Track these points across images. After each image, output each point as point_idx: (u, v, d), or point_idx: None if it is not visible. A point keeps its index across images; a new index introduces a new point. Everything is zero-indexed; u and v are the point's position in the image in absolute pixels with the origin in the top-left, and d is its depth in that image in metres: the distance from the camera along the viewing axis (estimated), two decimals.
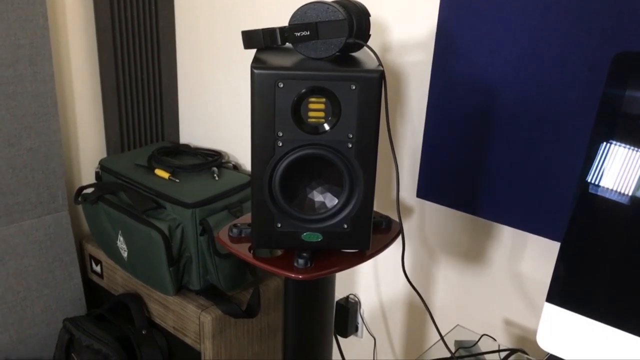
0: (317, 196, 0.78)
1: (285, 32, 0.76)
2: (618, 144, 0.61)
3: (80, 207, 1.50)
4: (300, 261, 0.77)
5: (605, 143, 0.62)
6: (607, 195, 0.61)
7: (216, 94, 1.47)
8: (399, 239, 1.16)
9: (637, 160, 0.60)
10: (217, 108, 1.48)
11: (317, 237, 0.78)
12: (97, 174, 1.41)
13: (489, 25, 0.90)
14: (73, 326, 1.33)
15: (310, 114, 0.73)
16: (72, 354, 1.32)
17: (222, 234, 0.86)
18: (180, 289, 1.30)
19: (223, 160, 1.41)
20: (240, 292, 1.34)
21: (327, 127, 0.73)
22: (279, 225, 0.77)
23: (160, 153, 1.40)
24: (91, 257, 1.50)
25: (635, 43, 0.78)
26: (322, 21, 0.74)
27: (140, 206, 1.24)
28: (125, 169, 1.35)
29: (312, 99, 0.72)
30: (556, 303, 0.63)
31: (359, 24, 0.77)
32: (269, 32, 0.76)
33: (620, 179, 0.61)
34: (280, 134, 0.73)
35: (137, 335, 1.32)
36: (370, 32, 0.82)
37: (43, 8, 1.27)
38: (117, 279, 1.43)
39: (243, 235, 0.86)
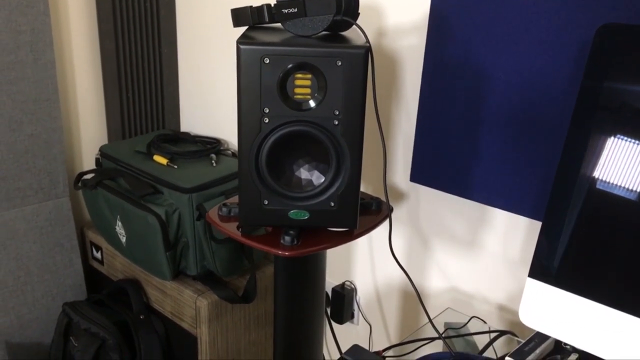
0: (304, 174, 0.78)
1: (272, 10, 0.76)
2: (599, 123, 0.60)
3: (81, 194, 1.51)
4: (287, 238, 0.78)
5: (587, 122, 0.61)
6: (585, 174, 0.61)
7: (216, 82, 1.47)
8: (397, 223, 1.16)
9: (615, 140, 0.60)
10: (217, 96, 1.49)
11: (304, 215, 0.78)
12: (97, 160, 1.42)
13: (481, 9, 0.90)
14: (72, 310, 1.35)
15: (297, 90, 0.73)
16: (71, 338, 1.34)
17: (212, 213, 0.87)
18: (178, 274, 1.31)
19: (222, 148, 1.42)
20: (237, 278, 1.34)
21: (313, 103, 0.73)
22: (266, 202, 0.77)
23: (159, 140, 1.41)
24: (92, 243, 1.51)
25: (624, 18, 0.77)
26: None
27: (138, 191, 1.25)
28: (124, 155, 1.36)
29: (299, 75, 0.72)
30: (538, 278, 0.62)
31: (347, 2, 0.77)
32: (257, 10, 0.77)
33: (598, 160, 0.60)
34: (267, 110, 0.73)
35: (135, 320, 1.33)
36: (360, 11, 0.82)
37: None
38: (116, 265, 1.45)
39: (232, 214, 0.86)
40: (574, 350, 0.67)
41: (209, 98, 1.51)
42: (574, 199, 0.61)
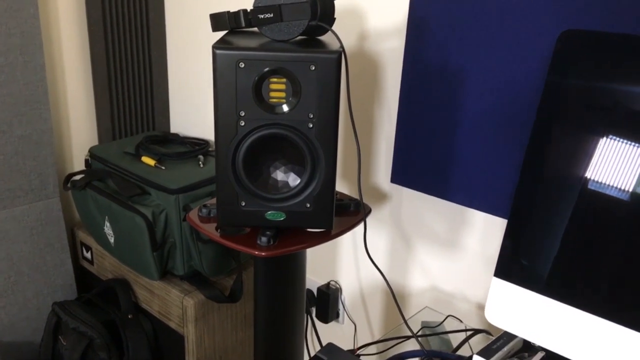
0: (281, 175, 0.79)
1: (249, 15, 0.77)
2: (562, 122, 0.62)
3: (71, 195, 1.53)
4: (263, 239, 0.79)
5: (550, 122, 0.63)
6: (550, 172, 0.62)
7: (205, 84, 1.49)
8: (379, 224, 1.18)
9: (580, 137, 0.61)
10: (206, 98, 1.50)
11: (281, 216, 0.79)
12: (86, 161, 1.44)
13: (457, 13, 0.91)
14: (61, 310, 1.36)
15: (272, 94, 0.75)
16: (60, 337, 1.35)
17: (193, 214, 0.88)
18: (166, 274, 1.32)
19: (210, 149, 1.44)
20: (224, 278, 1.36)
21: (288, 107, 0.75)
22: (243, 204, 0.79)
23: (148, 141, 1.43)
24: (82, 243, 1.53)
25: (590, 23, 0.78)
26: (286, 4, 0.76)
27: (126, 192, 1.26)
28: (113, 156, 1.38)
29: (273, 79, 0.74)
30: (502, 277, 0.64)
31: (323, 8, 0.79)
32: (234, 15, 0.78)
33: (562, 157, 0.62)
34: (243, 114, 0.75)
35: (123, 319, 1.35)
36: (336, 16, 0.83)
37: None
38: (106, 265, 1.46)
39: (212, 215, 0.88)
40: (542, 348, 0.69)
41: (198, 99, 1.53)
42: (538, 198, 0.63)
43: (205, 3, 1.41)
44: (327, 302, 1.29)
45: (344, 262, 1.28)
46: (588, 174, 0.60)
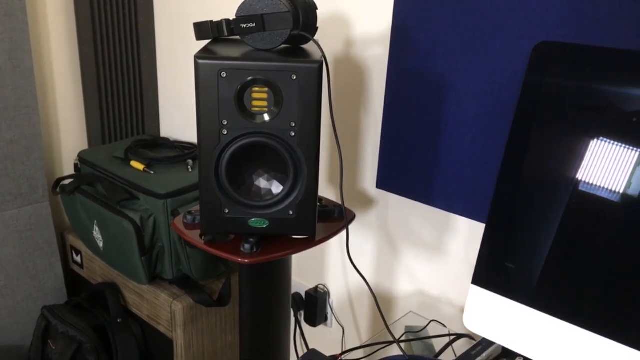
0: (264, 183, 0.80)
1: (231, 24, 0.78)
2: (539, 128, 0.63)
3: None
4: (246, 246, 0.80)
5: (526, 129, 0.64)
6: (527, 179, 0.63)
7: (194, 88, 1.49)
8: (366, 229, 1.19)
9: (555, 143, 0.62)
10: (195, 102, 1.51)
11: (264, 223, 0.80)
12: (75, 165, 1.44)
13: (441, 19, 0.92)
14: (50, 314, 1.37)
15: (254, 102, 0.75)
16: (49, 341, 1.36)
17: (177, 221, 0.89)
18: (155, 278, 1.33)
19: None
20: (213, 282, 1.36)
21: (270, 116, 0.75)
22: (227, 211, 0.80)
23: (137, 145, 1.43)
24: (72, 247, 1.54)
25: (566, 34, 0.79)
26: (268, 13, 0.77)
27: (114, 197, 1.27)
28: (102, 161, 1.38)
29: (255, 89, 0.75)
30: (480, 285, 0.65)
31: (305, 17, 0.79)
32: (217, 24, 0.79)
33: (539, 163, 0.63)
34: (225, 122, 0.76)
35: (112, 323, 1.35)
36: (318, 26, 0.84)
37: (22, 3, 1.30)
38: (96, 269, 1.47)
39: (197, 222, 0.88)
40: (518, 354, 0.70)
41: (188, 104, 1.53)
42: (515, 205, 0.64)
43: (195, 6, 1.41)
44: (315, 306, 1.30)
45: (332, 266, 1.29)
46: (573, 177, 0.61)
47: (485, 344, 0.72)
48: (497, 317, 0.65)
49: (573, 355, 0.62)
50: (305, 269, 1.35)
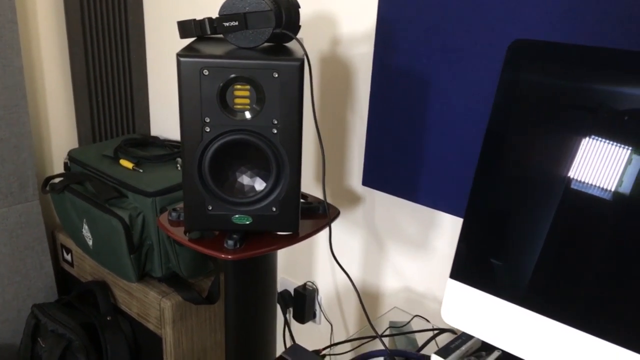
0: (247, 180, 0.81)
1: (214, 23, 0.79)
2: (515, 127, 0.64)
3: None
4: (230, 242, 0.81)
5: (502, 128, 0.65)
6: (504, 173, 0.64)
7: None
8: (353, 226, 1.20)
9: (530, 139, 0.63)
10: None
11: (247, 220, 0.81)
12: (65, 164, 1.45)
13: (424, 18, 0.93)
14: (40, 312, 1.37)
15: (236, 100, 0.76)
16: (39, 339, 1.36)
17: (162, 218, 0.90)
18: (144, 276, 1.34)
19: None
20: (202, 280, 1.37)
21: (252, 113, 0.76)
22: (210, 208, 0.80)
23: (127, 144, 1.44)
24: (62, 246, 1.54)
25: (547, 33, 0.81)
26: (250, 12, 0.77)
27: (103, 195, 1.27)
28: (92, 159, 1.39)
29: (238, 86, 0.75)
30: (459, 279, 0.66)
31: (288, 16, 0.80)
32: (200, 22, 0.80)
33: (516, 158, 0.64)
34: (208, 120, 0.76)
35: (101, 321, 1.36)
36: (300, 24, 0.85)
37: (12, 2, 1.31)
38: (86, 267, 1.47)
39: (181, 218, 0.89)
40: (497, 347, 0.71)
41: (177, 102, 1.54)
42: (489, 200, 0.65)
43: (185, 6, 1.42)
44: (303, 303, 1.31)
45: (320, 264, 1.30)
46: (563, 175, 0.62)
47: (465, 337, 0.73)
48: (475, 310, 0.66)
49: (558, 352, 0.63)
50: (294, 267, 1.36)
